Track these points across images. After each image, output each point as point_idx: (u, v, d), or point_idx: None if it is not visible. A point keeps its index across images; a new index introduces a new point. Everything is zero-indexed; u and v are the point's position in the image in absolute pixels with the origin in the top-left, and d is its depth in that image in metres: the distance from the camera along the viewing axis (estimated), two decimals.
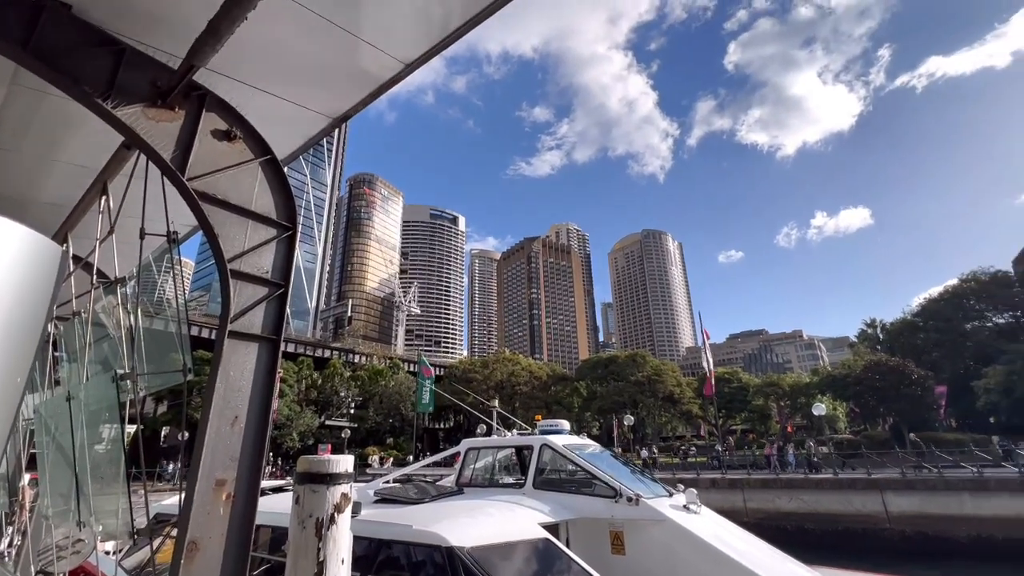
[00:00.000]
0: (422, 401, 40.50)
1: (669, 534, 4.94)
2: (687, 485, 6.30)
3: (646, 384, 55.26)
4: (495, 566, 3.73)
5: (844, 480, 21.16)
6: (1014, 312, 51.04)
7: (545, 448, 6.32)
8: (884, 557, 17.38)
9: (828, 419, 48.41)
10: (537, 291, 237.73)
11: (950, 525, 18.08)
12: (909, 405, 41.98)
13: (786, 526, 20.31)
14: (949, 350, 49.43)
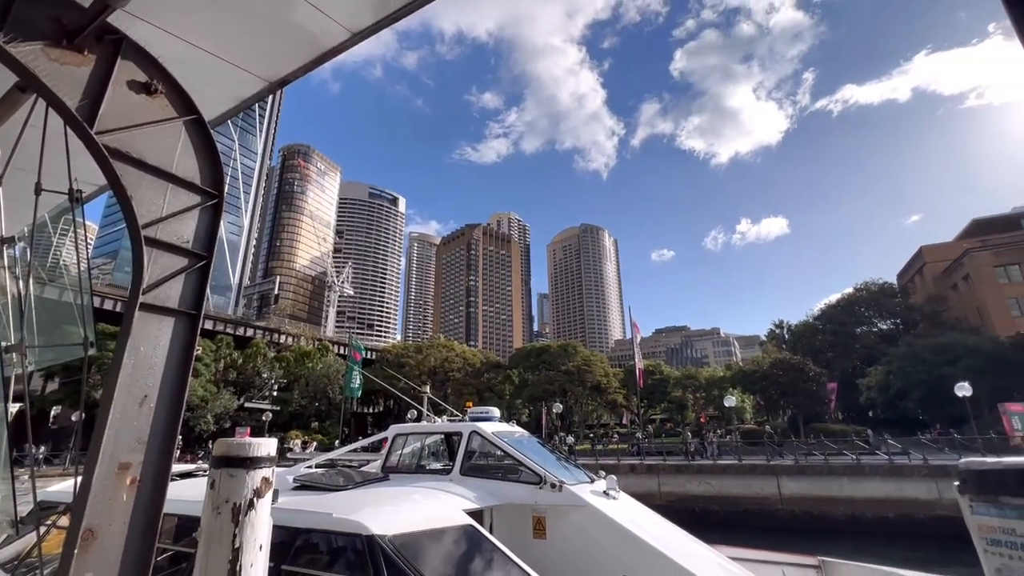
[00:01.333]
0: (351, 385, 39.36)
1: (588, 519, 5.17)
2: (608, 471, 6.60)
3: (576, 374, 57.05)
4: (417, 553, 3.72)
5: (746, 466, 23.15)
6: (895, 319, 58.03)
7: (474, 435, 6.37)
8: (776, 534, 19.25)
9: (737, 410, 52.62)
10: (475, 279, 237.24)
11: (831, 506, 20.36)
12: (805, 399, 46.58)
13: (694, 508, 21.94)
14: (841, 351, 55.29)
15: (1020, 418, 26.52)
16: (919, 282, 65.07)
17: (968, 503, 1.54)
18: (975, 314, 52.30)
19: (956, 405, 29.27)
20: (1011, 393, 32.14)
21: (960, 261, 55.83)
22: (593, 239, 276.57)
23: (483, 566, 4.03)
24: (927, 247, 64.82)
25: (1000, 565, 1.44)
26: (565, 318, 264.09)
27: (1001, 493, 1.44)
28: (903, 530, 18.64)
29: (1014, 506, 1.40)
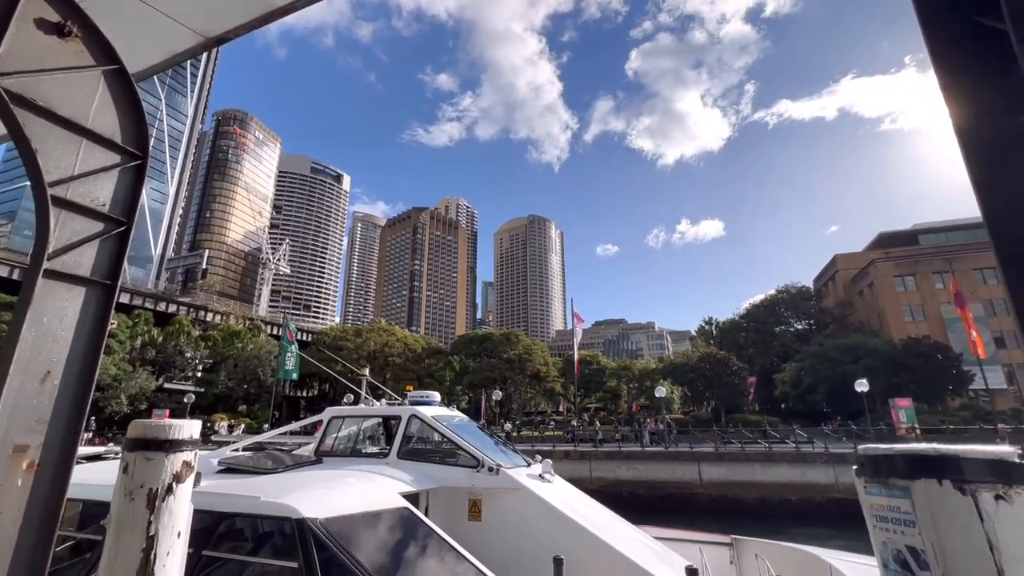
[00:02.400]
0: (285, 367, 37.72)
1: (524, 501, 5.29)
2: (544, 456, 6.76)
3: (517, 362, 57.77)
4: (349, 537, 3.65)
5: (672, 453, 24.56)
6: (810, 320, 63.22)
7: (413, 418, 6.32)
8: (696, 515, 20.62)
9: (666, 401, 55.45)
10: (420, 263, 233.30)
11: (744, 489, 22.04)
12: (728, 391, 49.89)
13: (622, 492, 23.01)
14: (761, 347, 59.62)
15: (906, 412, 29.84)
16: (832, 287, 71.13)
17: (863, 485, 1.71)
18: (876, 319, 57.98)
19: (855, 399, 32.47)
20: (900, 390, 36.09)
21: (866, 270, 61.55)
22: (540, 230, 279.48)
23: (418, 549, 4.02)
24: (840, 256, 70.88)
25: (885, 539, 1.62)
26: (509, 307, 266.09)
27: (891, 475, 1.61)
28: (804, 511, 20.53)
29: (900, 487, 1.57)
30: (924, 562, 1.49)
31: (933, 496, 1.49)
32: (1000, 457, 1.49)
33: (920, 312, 55.24)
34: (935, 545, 1.46)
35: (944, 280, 51.49)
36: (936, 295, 54.16)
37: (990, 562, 1.38)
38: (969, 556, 1.41)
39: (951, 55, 1.44)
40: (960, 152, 1.44)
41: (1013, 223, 1.29)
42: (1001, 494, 1.42)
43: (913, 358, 40.86)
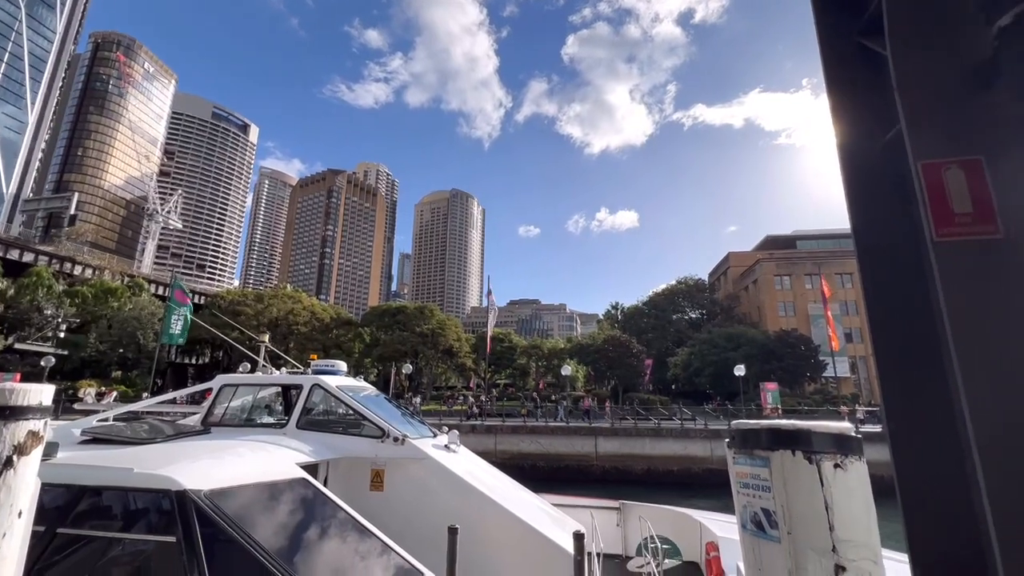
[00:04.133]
0: (171, 331, 34.12)
1: (428, 471, 5.34)
2: (451, 428, 6.85)
3: (430, 336, 57.31)
4: (239, 510, 3.43)
5: (572, 428, 26.02)
6: (702, 310, 69.45)
7: (316, 388, 6.08)
8: (591, 485, 22.11)
9: (571, 379, 58.31)
10: (334, 229, 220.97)
11: (634, 461, 24.00)
12: (627, 372, 53.57)
13: (523, 464, 24.01)
14: (659, 333, 64.59)
15: (772, 394, 34.09)
16: (723, 281, 78.44)
17: (732, 455, 1.94)
18: (757, 312, 65.03)
19: (734, 382, 36.43)
20: (770, 375, 41.02)
21: (753, 268, 68.54)
22: (462, 205, 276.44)
23: (315, 520, 3.91)
24: (733, 253, 78.19)
25: (746, 502, 1.85)
26: (425, 281, 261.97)
27: (756, 447, 1.83)
28: (684, 480, 22.85)
29: (761, 457, 1.80)
30: (774, 521, 1.73)
31: (787, 465, 1.72)
32: (841, 432, 1.77)
33: (792, 308, 62.76)
34: (784, 506, 1.70)
35: (813, 282, 58.82)
36: (806, 294, 61.76)
37: (824, 520, 1.64)
38: (809, 515, 1.66)
39: (839, 74, 1.62)
40: (839, 167, 1.64)
41: (874, 235, 1.49)
42: (839, 463, 1.69)
43: (782, 348, 46.54)
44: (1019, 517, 1.00)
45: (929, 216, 1.19)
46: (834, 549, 1.60)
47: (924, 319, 1.29)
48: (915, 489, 1.28)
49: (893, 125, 1.35)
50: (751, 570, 1.84)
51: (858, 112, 1.57)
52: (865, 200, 1.52)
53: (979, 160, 1.19)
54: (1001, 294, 1.11)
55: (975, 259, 1.14)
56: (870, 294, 1.49)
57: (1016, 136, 1.08)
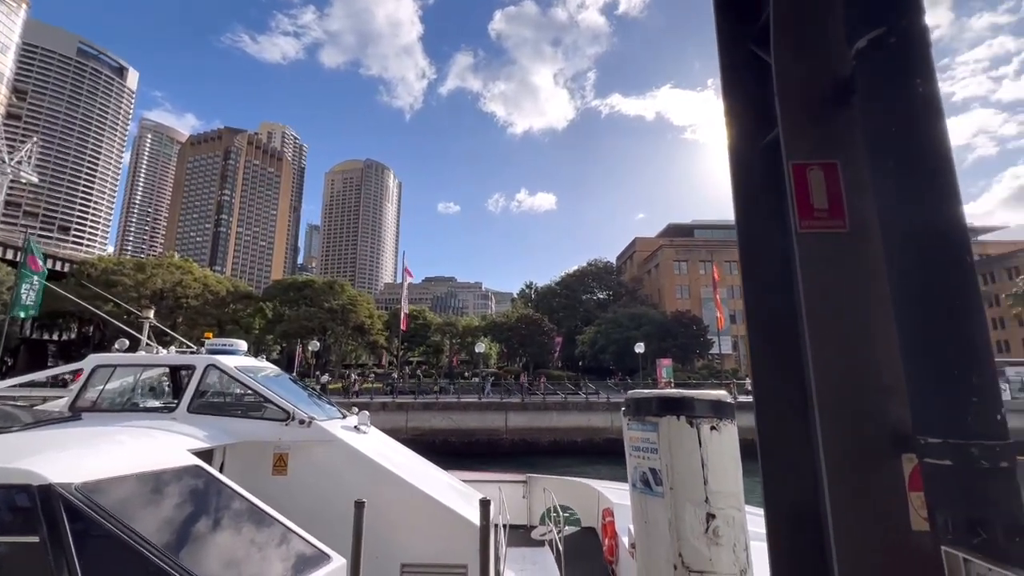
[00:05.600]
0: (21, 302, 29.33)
1: (336, 452, 5.20)
2: (361, 408, 6.71)
3: (339, 312, 54.91)
4: (119, 503, 3.09)
5: (484, 403, 26.59)
6: (610, 291, 73.52)
7: (211, 369, 5.62)
8: (501, 458, 22.82)
9: (484, 356, 59.18)
10: (232, 193, 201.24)
11: (542, 434, 25.14)
12: (538, 349, 55.49)
13: (435, 440, 24.17)
14: (569, 312, 67.49)
15: (667, 369, 37.19)
16: (629, 265, 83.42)
17: (627, 422, 2.12)
18: (657, 294, 70.15)
19: (634, 358, 39.31)
20: (666, 352, 44.64)
21: (655, 253, 73.57)
22: (377, 177, 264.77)
23: (210, 509, 3.65)
24: (639, 239, 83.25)
25: (636, 464, 2.04)
26: (335, 254, 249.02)
27: (646, 414, 2.02)
28: (587, 449, 24.37)
29: (650, 422, 1.99)
30: (660, 479, 1.94)
31: (672, 428, 1.93)
32: (718, 399, 2.01)
33: (687, 291, 68.43)
34: (668, 465, 1.92)
35: (706, 268, 64.49)
36: (699, 279, 67.59)
37: (700, 475, 1.86)
38: (688, 472, 1.88)
39: (732, 76, 1.78)
40: (727, 162, 1.81)
41: (753, 226, 1.68)
42: (715, 425, 1.93)
43: (677, 327, 50.78)
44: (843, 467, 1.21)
45: (795, 210, 1.37)
46: (707, 500, 1.84)
47: (789, 301, 1.49)
48: (772, 449, 1.50)
49: (773, 128, 1.52)
50: (639, 524, 2.05)
51: (746, 114, 1.75)
52: (747, 194, 1.71)
53: (835, 163, 1.39)
54: (845, 279, 1.32)
55: (828, 249, 1.34)
56: (747, 279, 1.69)
57: (864, 145, 1.28)
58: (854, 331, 1.27)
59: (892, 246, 1.14)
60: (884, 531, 1.15)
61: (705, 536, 1.80)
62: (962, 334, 1.01)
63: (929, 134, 1.10)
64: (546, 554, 5.97)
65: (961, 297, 1.02)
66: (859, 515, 1.17)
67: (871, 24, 1.19)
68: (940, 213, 1.07)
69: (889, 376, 1.19)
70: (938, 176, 1.08)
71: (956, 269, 1.04)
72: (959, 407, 0.98)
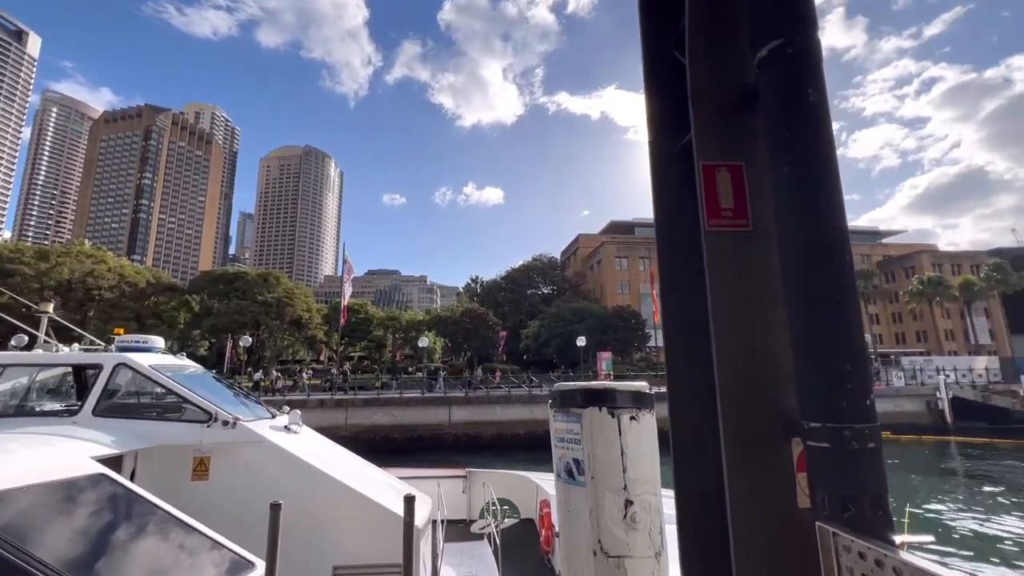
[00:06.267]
0: None
1: (264, 454, 4.96)
2: (298, 407, 6.44)
3: (274, 306, 52.31)
4: (7, 521, 2.78)
5: (427, 398, 26.30)
6: (554, 286, 74.78)
7: (122, 368, 5.18)
8: (444, 453, 22.69)
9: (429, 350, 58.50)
10: (153, 177, 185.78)
11: (485, 427, 25.23)
12: (483, 343, 55.59)
13: (376, 437, 23.67)
14: (515, 306, 68.08)
15: (607, 362, 38.38)
16: (573, 260, 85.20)
17: (553, 414, 2.15)
18: (599, 289, 72.15)
19: (576, 352, 40.22)
20: (606, 345, 46.05)
21: (598, 250, 75.60)
22: (317, 165, 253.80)
23: (117, 520, 3.36)
24: (582, 235, 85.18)
25: (561, 454, 2.08)
26: (271, 244, 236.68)
27: (571, 406, 2.06)
28: (530, 442, 24.70)
29: (574, 414, 2.03)
30: (582, 469, 1.99)
31: (595, 419, 1.99)
32: (638, 390, 2.09)
33: (627, 287, 70.86)
34: (590, 455, 1.97)
35: (645, 264, 67.06)
36: (639, 275, 70.16)
37: (620, 464, 1.93)
38: (608, 460, 1.94)
39: (654, 78, 1.83)
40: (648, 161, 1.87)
41: (670, 223, 1.75)
42: (634, 415, 2.00)
43: (618, 321, 52.51)
44: (741, 451, 1.29)
45: (703, 209, 1.44)
46: (625, 487, 1.91)
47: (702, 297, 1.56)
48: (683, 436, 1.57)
49: (689, 130, 1.58)
50: (562, 513, 2.10)
51: (667, 114, 1.81)
52: (665, 192, 1.78)
53: (741, 166, 1.47)
54: (747, 275, 1.40)
55: (732, 246, 1.42)
56: (663, 273, 1.76)
57: (765, 149, 1.35)
58: (753, 325, 1.35)
59: (784, 245, 1.22)
60: (775, 510, 1.23)
61: (623, 522, 1.87)
62: (839, 327, 1.10)
63: (817, 142, 1.18)
64: (484, 547, 6.01)
65: (839, 292, 1.11)
66: (753, 496, 1.25)
67: (770, 35, 1.26)
68: (824, 215, 1.15)
69: (783, 367, 1.28)
70: (823, 181, 1.17)
71: (836, 267, 1.12)
72: (835, 394, 1.07)
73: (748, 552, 1.22)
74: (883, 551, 0.87)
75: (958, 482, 18.34)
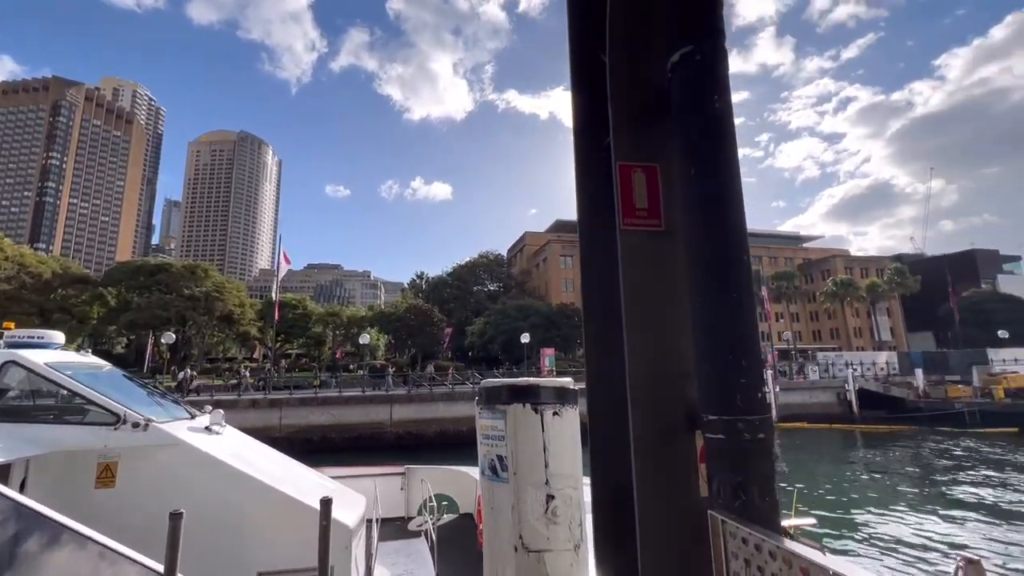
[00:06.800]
0: None
1: (180, 457, 4.65)
2: (228, 407, 6.08)
3: (203, 300, 49.03)
4: None
5: (367, 396, 25.62)
6: (500, 283, 75.03)
7: (11, 366, 4.69)
8: (383, 452, 22.18)
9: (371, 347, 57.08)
10: (63, 157, 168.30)
11: (428, 425, 24.93)
12: (427, 340, 54.93)
13: (313, 437, 22.77)
14: (461, 303, 67.72)
15: (550, 359, 39.04)
16: (519, 258, 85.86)
17: (479, 411, 2.14)
18: (545, 287, 73.19)
19: (521, 348, 40.61)
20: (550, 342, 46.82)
21: (544, 248, 76.67)
22: (253, 152, 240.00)
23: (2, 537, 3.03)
24: (529, 233, 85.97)
25: (486, 452, 2.07)
26: (201, 235, 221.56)
27: (496, 403, 2.06)
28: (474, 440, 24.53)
29: (499, 410, 2.03)
30: (505, 465, 1.99)
31: (519, 416, 1.99)
32: (562, 386, 2.11)
33: (572, 285, 72.30)
34: (514, 452, 1.97)
35: None
36: None
37: (542, 459, 1.94)
38: (531, 456, 1.95)
39: (581, 78, 1.86)
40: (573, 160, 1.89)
41: (591, 221, 1.78)
42: (557, 411, 2.02)
43: (562, 319, 53.49)
44: (648, 444, 1.34)
45: (619, 208, 1.47)
46: (547, 482, 1.93)
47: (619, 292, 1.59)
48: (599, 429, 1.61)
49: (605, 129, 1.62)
50: (486, 511, 2.09)
51: (591, 115, 1.84)
52: (589, 191, 1.81)
53: (655, 167, 1.52)
54: (658, 274, 1.45)
55: (645, 245, 1.46)
56: (584, 270, 1.80)
57: (677, 152, 1.40)
58: (662, 322, 1.40)
59: (688, 245, 1.27)
60: (677, 500, 1.28)
61: (544, 516, 1.89)
62: (736, 324, 1.16)
63: (721, 146, 1.24)
64: (421, 545, 5.94)
65: (737, 291, 1.17)
66: (658, 487, 1.29)
67: (682, 41, 1.31)
68: (724, 218, 1.21)
69: (688, 363, 1.33)
70: (725, 185, 1.22)
71: (734, 268, 1.18)
72: (730, 388, 1.12)
73: (652, 540, 1.27)
74: (762, 536, 0.92)
75: (857, 468, 20.14)
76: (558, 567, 1.86)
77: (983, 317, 59.64)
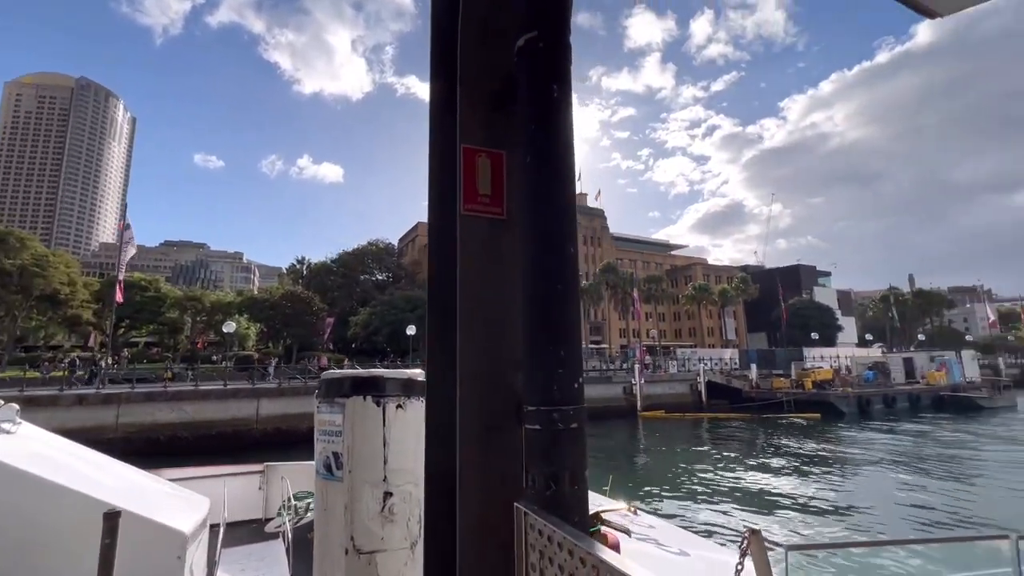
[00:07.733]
0: None
1: None
2: (46, 404, 5.03)
3: (15, 275, 40.52)
4: None
5: (229, 391, 23.14)
6: (389, 273, 72.49)
7: None
8: (250, 451, 20.19)
9: (241, 337, 51.80)
10: None
11: (301, 421, 23.23)
12: (305, 330, 51.30)
13: (159, 437, 20.00)
14: (346, 292, 64.21)
15: None
16: (411, 248, 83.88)
17: (318, 405, 1.97)
18: None
19: (407, 340, 39.78)
20: None
21: None
22: (97, 103, 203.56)
23: None
24: (421, 223, 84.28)
25: (322, 449, 1.91)
26: (21, 197, 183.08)
27: (336, 395, 1.90)
28: None
29: (338, 404, 1.88)
30: (341, 463, 1.84)
31: (357, 409, 1.86)
32: (409, 377, 2.02)
33: None
34: (350, 448, 1.83)
35: None
36: None
37: (381, 455, 1.83)
38: (369, 453, 1.83)
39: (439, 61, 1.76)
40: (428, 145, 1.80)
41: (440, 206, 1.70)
42: (401, 404, 1.92)
43: None
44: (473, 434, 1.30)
45: (461, 192, 1.42)
46: (385, 479, 1.82)
47: None
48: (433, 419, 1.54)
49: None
50: (319, 512, 1.93)
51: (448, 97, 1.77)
52: (440, 175, 1.73)
53: (502, 154, 1.48)
54: (495, 261, 1.42)
55: (485, 232, 1.42)
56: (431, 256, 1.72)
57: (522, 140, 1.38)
58: (496, 311, 1.37)
59: (522, 233, 1.25)
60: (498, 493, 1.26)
61: (380, 515, 1.79)
62: (558, 314, 1.16)
63: (556, 136, 1.23)
64: (278, 546, 5.57)
65: (562, 282, 1.17)
66: (481, 478, 1.26)
67: (527, 27, 1.28)
68: (554, 208, 1.20)
69: (518, 352, 1.31)
70: (556, 175, 1.22)
71: (559, 257, 1.18)
72: (549, 379, 1.12)
73: (468, 535, 1.24)
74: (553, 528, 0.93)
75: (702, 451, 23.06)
76: (391, 567, 1.77)
77: (802, 321, 71.53)
